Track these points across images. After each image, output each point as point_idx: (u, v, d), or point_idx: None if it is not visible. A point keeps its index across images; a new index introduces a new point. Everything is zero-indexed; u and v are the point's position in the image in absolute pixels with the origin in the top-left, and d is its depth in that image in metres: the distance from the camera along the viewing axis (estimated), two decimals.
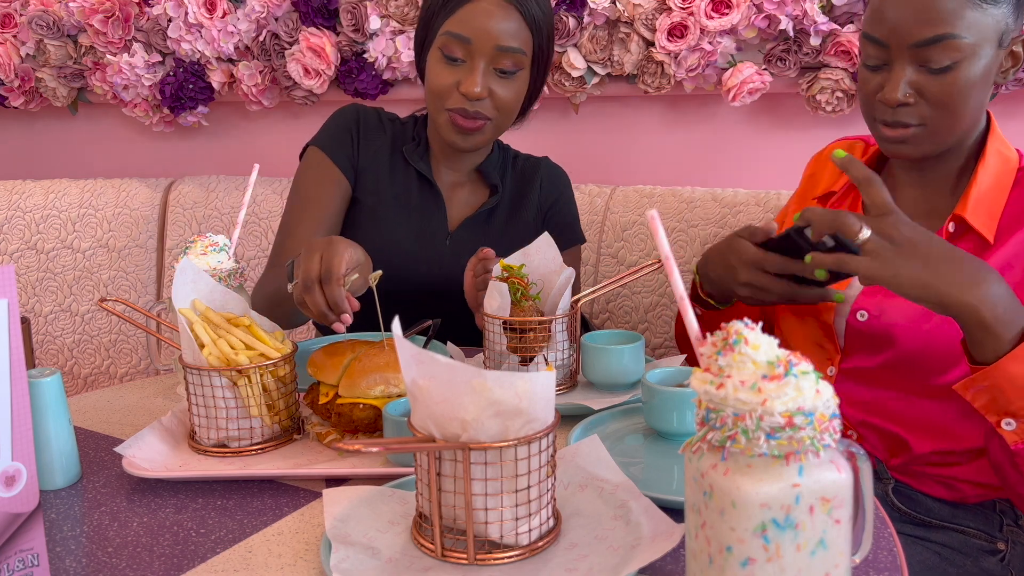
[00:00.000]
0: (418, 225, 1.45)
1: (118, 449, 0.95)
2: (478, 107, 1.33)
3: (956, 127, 1.07)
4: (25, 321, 1.21)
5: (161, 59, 2.11)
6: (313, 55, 1.95)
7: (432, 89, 1.36)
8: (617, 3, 1.75)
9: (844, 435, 1.16)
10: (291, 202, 1.43)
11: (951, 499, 1.15)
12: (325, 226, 1.41)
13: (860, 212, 1.20)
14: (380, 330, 1.14)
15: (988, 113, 1.14)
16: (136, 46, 2.07)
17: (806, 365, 0.60)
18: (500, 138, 1.51)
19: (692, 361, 1.17)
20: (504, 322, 1.11)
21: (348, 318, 1.05)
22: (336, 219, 1.44)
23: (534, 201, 1.50)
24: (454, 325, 1.30)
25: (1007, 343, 0.90)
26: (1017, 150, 1.15)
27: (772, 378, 0.58)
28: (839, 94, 1.70)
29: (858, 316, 1.14)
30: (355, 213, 1.46)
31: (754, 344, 0.60)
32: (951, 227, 1.10)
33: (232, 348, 0.97)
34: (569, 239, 1.51)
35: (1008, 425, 0.93)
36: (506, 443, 0.70)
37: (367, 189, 1.46)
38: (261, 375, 0.97)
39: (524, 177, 1.52)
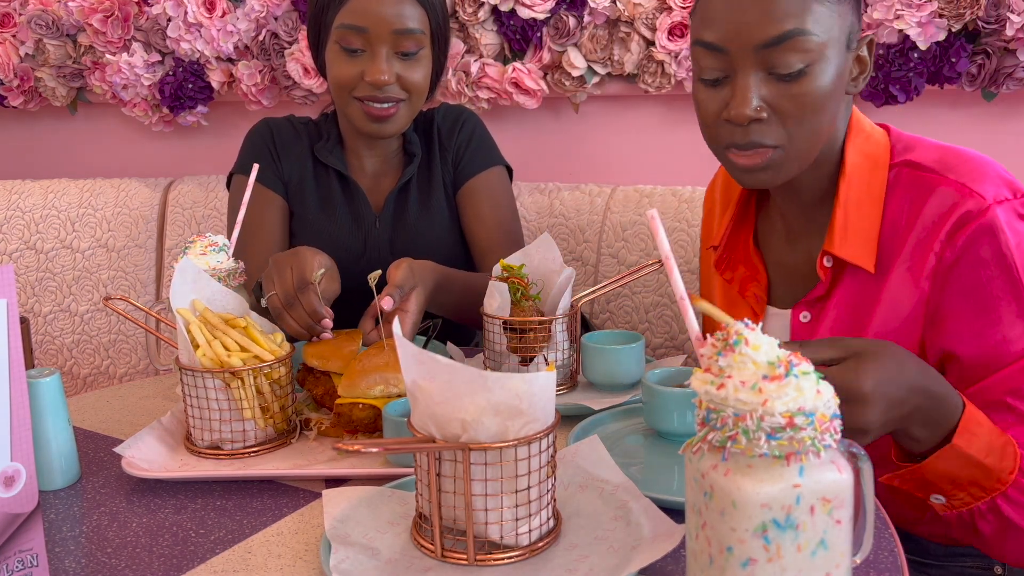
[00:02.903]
0: (345, 219, 1.46)
1: (117, 449, 0.95)
2: (388, 92, 1.34)
3: (815, 145, 0.95)
4: (24, 321, 1.21)
5: (160, 59, 2.10)
6: None
7: (337, 83, 1.36)
8: (617, 2, 1.75)
9: None
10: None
11: (949, 542, 1.11)
12: (275, 251, 1.41)
13: (753, 254, 1.11)
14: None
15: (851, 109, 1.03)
16: (135, 45, 2.07)
17: (807, 365, 0.60)
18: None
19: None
20: (504, 322, 1.11)
21: (328, 323, 1.08)
22: (283, 239, 1.46)
23: (437, 151, 1.50)
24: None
25: (932, 443, 0.85)
26: (885, 127, 1.04)
27: (773, 378, 0.58)
28: None
29: (801, 318, 1.05)
30: (291, 225, 1.48)
31: (754, 345, 0.60)
32: (826, 262, 1.00)
33: (227, 349, 0.97)
34: (483, 161, 1.50)
35: (936, 500, 0.90)
36: (506, 443, 0.70)
37: (296, 199, 1.48)
38: (255, 377, 0.97)
39: (426, 132, 1.52)
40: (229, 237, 1.22)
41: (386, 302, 1.10)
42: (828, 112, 0.94)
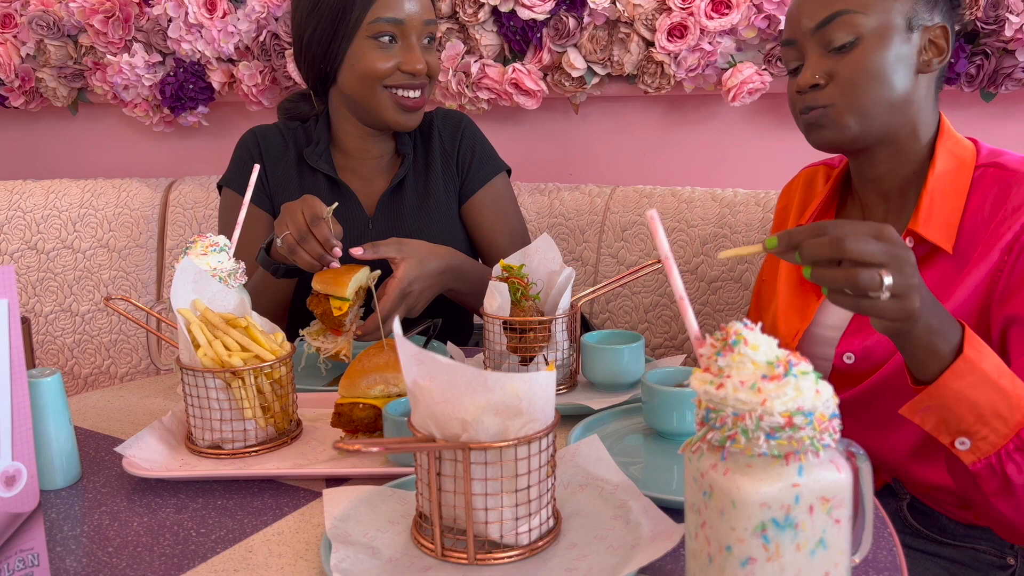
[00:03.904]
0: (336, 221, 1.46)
1: (118, 449, 0.95)
2: (420, 78, 1.39)
3: (875, 107, 1.05)
4: (25, 321, 1.21)
5: (161, 59, 2.11)
6: None
7: (371, 75, 1.38)
8: (617, 3, 1.75)
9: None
10: None
11: (967, 520, 1.12)
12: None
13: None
14: (380, 329, 1.15)
15: (940, 115, 1.12)
16: (136, 46, 2.07)
17: (806, 365, 0.60)
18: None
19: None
20: (504, 322, 1.11)
21: (338, 251, 1.19)
22: None
23: (437, 153, 1.52)
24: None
25: (946, 357, 0.87)
26: (973, 140, 1.12)
27: (772, 378, 0.59)
28: None
29: (845, 359, 1.11)
30: None
31: (753, 344, 0.60)
32: (909, 242, 1.07)
33: (227, 349, 0.97)
34: (489, 170, 1.53)
35: (962, 445, 0.90)
36: (506, 443, 0.70)
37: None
38: (256, 377, 0.97)
39: (423, 135, 1.54)
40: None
41: (354, 250, 1.21)
42: (889, 81, 1.05)
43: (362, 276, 1.21)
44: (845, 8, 1.04)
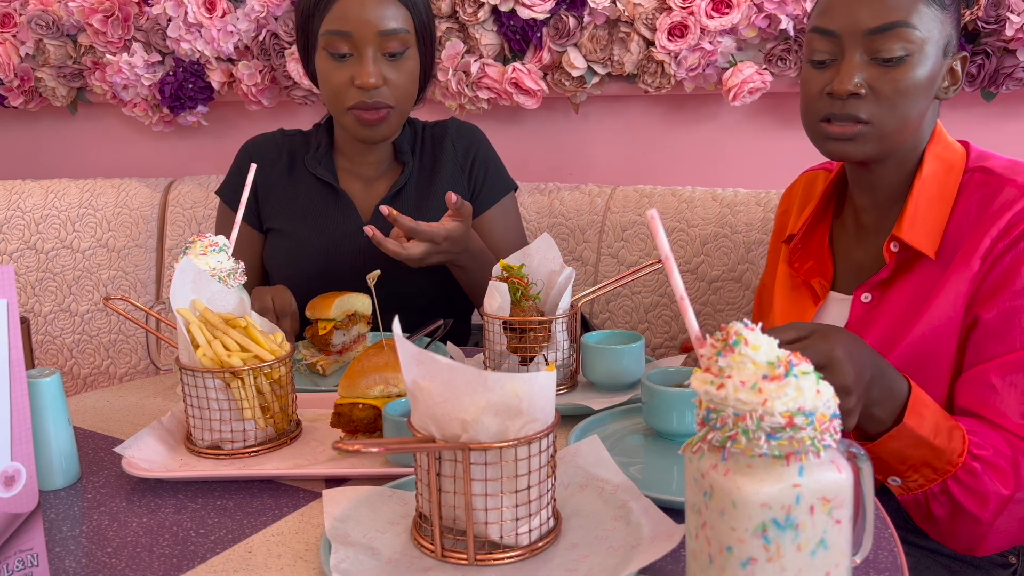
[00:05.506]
0: (330, 228, 1.47)
1: (117, 449, 0.95)
2: (377, 97, 1.36)
3: (901, 130, 1.05)
4: (25, 321, 1.21)
5: (161, 59, 2.10)
6: None
7: (328, 90, 1.38)
8: (617, 3, 1.75)
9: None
10: None
11: None
12: (251, 279, 1.48)
13: (824, 251, 1.20)
14: (380, 331, 1.15)
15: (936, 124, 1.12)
16: (136, 46, 2.07)
17: (806, 366, 0.60)
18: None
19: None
20: (504, 322, 1.11)
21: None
22: (258, 266, 1.52)
23: (448, 164, 1.51)
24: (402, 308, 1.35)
25: (887, 422, 0.92)
26: (964, 143, 1.12)
27: (772, 378, 0.58)
28: None
29: (862, 298, 1.14)
30: (271, 239, 1.50)
31: (754, 345, 0.60)
32: (893, 247, 1.08)
33: (227, 349, 0.97)
34: (501, 189, 1.53)
35: (894, 482, 0.98)
36: (506, 443, 0.70)
37: (274, 216, 1.49)
38: (255, 377, 0.97)
39: (434, 143, 1.53)
40: None
41: (384, 207, 1.28)
42: (918, 105, 1.05)
43: (351, 300, 1.26)
44: (905, 20, 1.01)
